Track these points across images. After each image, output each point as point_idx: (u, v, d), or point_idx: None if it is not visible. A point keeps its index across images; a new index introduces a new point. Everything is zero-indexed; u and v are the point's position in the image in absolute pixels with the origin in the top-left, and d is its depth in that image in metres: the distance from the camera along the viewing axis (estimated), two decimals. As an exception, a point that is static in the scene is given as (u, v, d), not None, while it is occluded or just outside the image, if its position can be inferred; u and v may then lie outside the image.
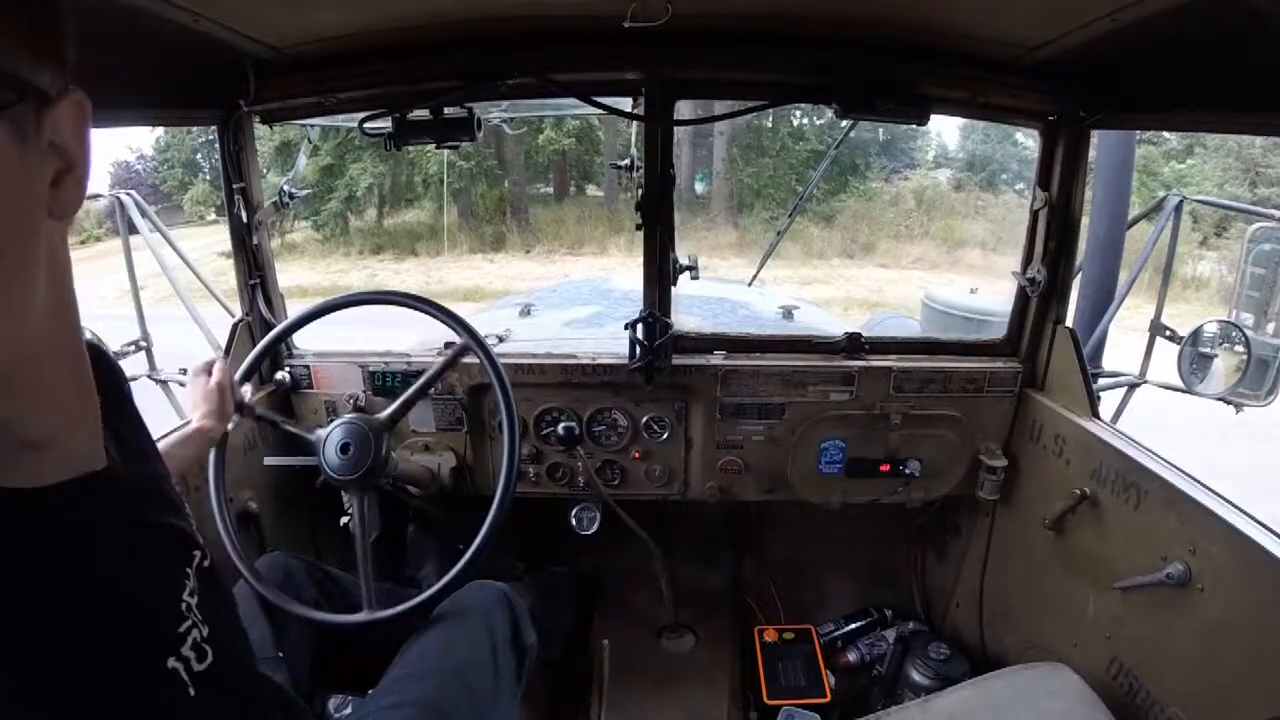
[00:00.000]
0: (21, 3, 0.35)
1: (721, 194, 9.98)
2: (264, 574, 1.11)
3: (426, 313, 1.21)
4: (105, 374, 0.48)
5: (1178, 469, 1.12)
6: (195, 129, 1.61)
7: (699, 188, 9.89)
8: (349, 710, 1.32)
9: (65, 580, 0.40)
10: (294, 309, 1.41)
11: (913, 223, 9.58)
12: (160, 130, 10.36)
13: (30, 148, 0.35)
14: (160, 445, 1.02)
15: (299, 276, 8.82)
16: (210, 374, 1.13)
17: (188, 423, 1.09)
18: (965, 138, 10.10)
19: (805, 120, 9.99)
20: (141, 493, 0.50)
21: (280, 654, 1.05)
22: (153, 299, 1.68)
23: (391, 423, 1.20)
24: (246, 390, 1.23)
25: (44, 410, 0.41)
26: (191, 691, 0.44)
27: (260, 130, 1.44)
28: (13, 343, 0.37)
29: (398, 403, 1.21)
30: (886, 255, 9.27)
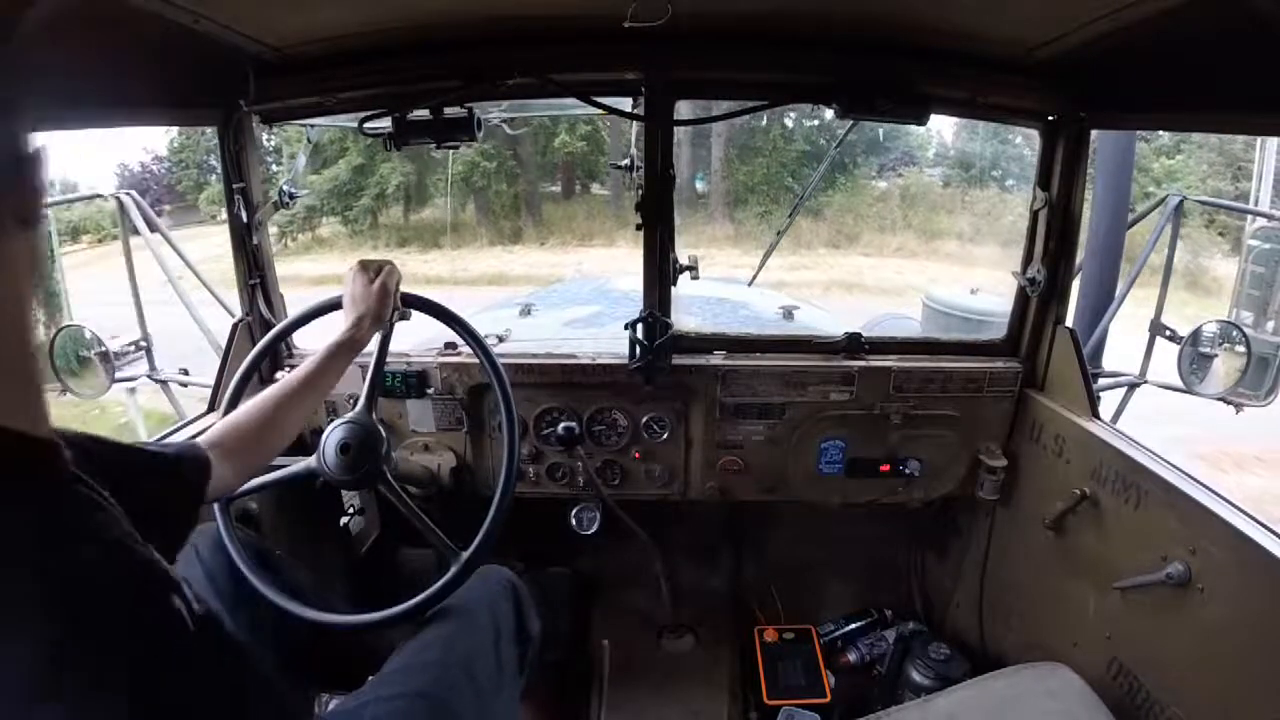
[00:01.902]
0: None
1: (719, 191, 10.48)
2: (261, 572, 1.11)
3: (426, 312, 1.21)
4: None
5: (1178, 469, 1.12)
6: (209, 130, 1.63)
7: (699, 186, 10.37)
8: (351, 703, 1.31)
9: (81, 514, 0.46)
10: (294, 308, 1.41)
11: (896, 216, 10.14)
12: (175, 131, 10.53)
13: None
14: (302, 370, 1.04)
15: (336, 266, 9.61)
16: (376, 272, 1.10)
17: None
18: (955, 135, 10.36)
19: (793, 123, 10.52)
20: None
21: (277, 654, 1.05)
22: (190, 286, 1.74)
23: (368, 411, 1.17)
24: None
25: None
26: (191, 627, 0.49)
27: (290, 131, 1.44)
28: None
29: (365, 390, 1.18)
30: (870, 245, 9.81)
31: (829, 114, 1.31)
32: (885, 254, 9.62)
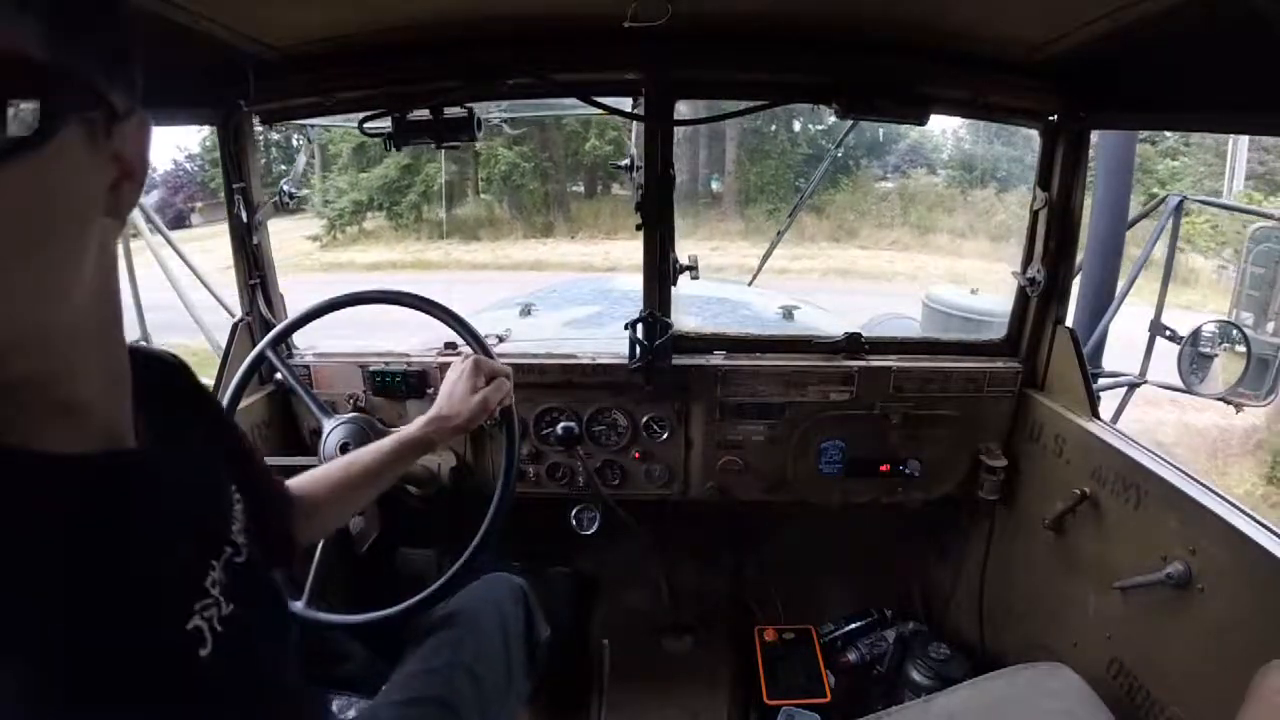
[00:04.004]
0: (97, 26, 0.40)
1: (731, 190, 11.27)
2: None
3: (427, 312, 1.21)
4: (155, 372, 0.55)
5: (1178, 469, 1.12)
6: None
7: (715, 186, 11.09)
8: (352, 713, 1.32)
9: (74, 541, 0.43)
10: (294, 308, 1.41)
11: (895, 213, 10.86)
12: (207, 130, 10.74)
13: (98, 152, 0.41)
14: (372, 454, 0.98)
15: (385, 255, 10.51)
16: (486, 380, 1.06)
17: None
18: (963, 137, 10.64)
19: (800, 127, 11.15)
20: (173, 483, 0.53)
21: (297, 658, 1.05)
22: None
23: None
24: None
25: (76, 378, 0.45)
26: (208, 648, 0.48)
27: (332, 134, 1.44)
28: (51, 317, 0.41)
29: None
30: (867, 240, 10.55)
31: (834, 120, 1.31)
32: (880, 247, 10.29)
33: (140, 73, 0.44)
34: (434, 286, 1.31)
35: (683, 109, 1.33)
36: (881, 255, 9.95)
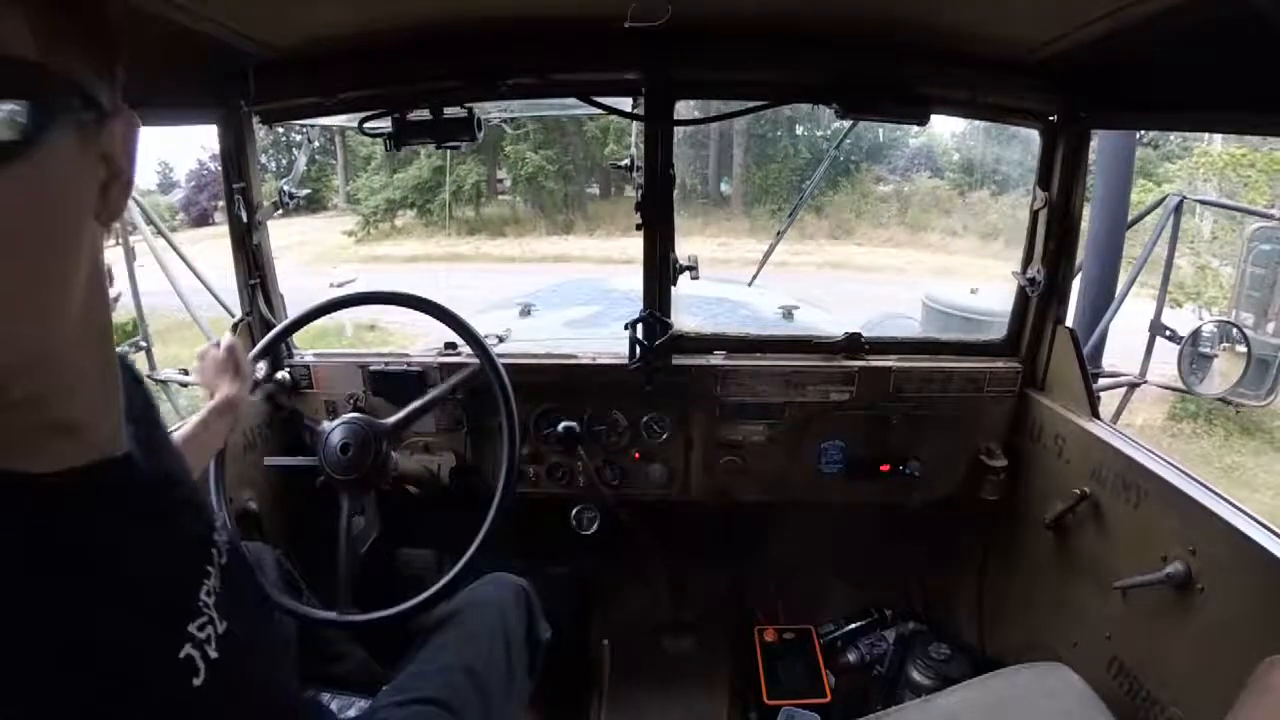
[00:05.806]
0: (86, 26, 0.39)
1: (739, 191, 12.08)
2: (265, 573, 1.11)
3: (427, 313, 1.21)
4: (126, 372, 0.52)
5: (1178, 469, 1.12)
6: (260, 130, 1.62)
7: (724, 188, 11.97)
8: (352, 713, 1.32)
9: (75, 563, 0.41)
10: (294, 309, 1.41)
11: (892, 213, 11.56)
12: None
13: (88, 154, 0.39)
14: (187, 429, 1.02)
15: (420, 249, 11.19)
16: (218, 346, 1.12)
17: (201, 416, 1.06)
18: (961, 142, 10.93)
19: (805, 130, 11.78)
20: (158, 486, 0.51)
21: (297, 658, 1.05)
22: (298, 261, 1.78)
23: (396, 429, 1.20)
24: (260, 367, 1.23)
25: (74, 394, 0.43)
26: (201, 677, 0.45)
27: (362, 136, 1.45)
28: (50, 334, 0.40)
29: (407, 410, 1.21)
30: (863, 237, 11.24)
31: (836, 125, 1.31)
32: (875, 244, 10.97)
33: (125, 70, 0.43)
34: (459, 277, 1.34)
35: (683, 109, 1.33)
36: (876, 252, 10.52)
